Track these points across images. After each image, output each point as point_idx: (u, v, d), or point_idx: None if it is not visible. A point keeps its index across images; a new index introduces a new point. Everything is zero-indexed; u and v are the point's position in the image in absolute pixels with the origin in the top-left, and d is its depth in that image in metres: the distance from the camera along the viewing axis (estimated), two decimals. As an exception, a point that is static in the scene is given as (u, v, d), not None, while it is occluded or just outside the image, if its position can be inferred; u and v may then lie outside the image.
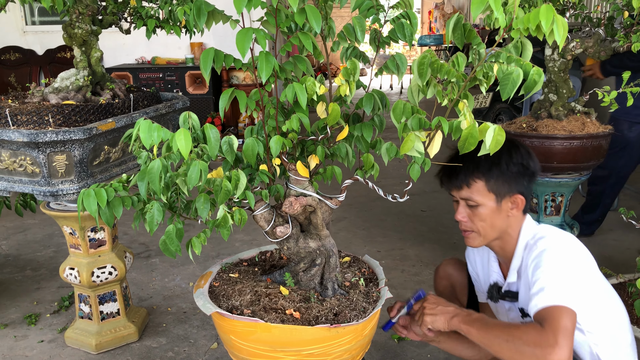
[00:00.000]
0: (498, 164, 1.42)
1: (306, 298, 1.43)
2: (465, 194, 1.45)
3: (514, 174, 1.43)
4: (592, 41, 2.41)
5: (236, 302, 1.41)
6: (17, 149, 1.80)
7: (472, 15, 0.97)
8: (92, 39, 2.07)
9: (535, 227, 1.49)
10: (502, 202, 1.44)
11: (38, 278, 2.96)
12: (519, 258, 1.47)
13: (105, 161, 1.97)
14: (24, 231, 3.65)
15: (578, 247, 1.40)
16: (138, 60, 6.11)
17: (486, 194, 1.43)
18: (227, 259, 1.68)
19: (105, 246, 2.18)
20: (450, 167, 1.45)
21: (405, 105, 1.22)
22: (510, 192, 1.44)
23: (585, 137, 2.40)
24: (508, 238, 1.49)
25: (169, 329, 2.42)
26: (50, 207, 2.10)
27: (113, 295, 2.27)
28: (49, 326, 2.47)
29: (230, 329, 1.36)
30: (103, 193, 1.15)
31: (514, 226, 1.48)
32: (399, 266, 2.98)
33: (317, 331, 1.30)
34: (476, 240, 1.49)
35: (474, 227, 1.46)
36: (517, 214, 1.47)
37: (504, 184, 1.43)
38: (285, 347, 1.32)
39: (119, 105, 2.02)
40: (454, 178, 1.46)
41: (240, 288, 1.46)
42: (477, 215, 1.45)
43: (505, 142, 1.37)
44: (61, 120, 1.83)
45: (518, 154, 1.45)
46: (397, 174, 4.64)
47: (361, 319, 1.36)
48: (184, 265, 3.05)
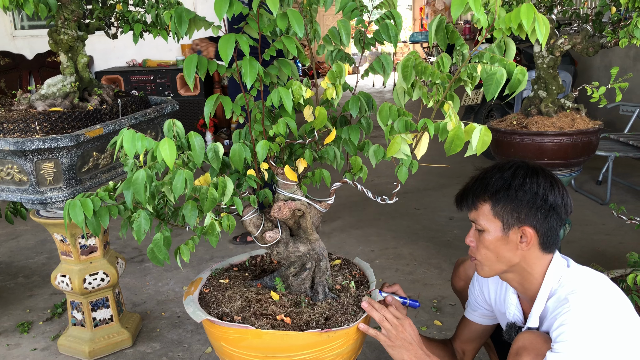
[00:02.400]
0: (507, 188, 1.31)
1: (297, 303, 1.42)
2: (473, 216, 1.37)
3: (523, 202, 1.29)
4: (580, 37, 2.41)
5: (226, 308, 1.40)
6: (3, 158, 1.79)
7: (452, 15, 0.97)
8: (79, 44, 2.05)
9: (563, 271, 1.33)
10: (509, 232, 1.31)
11: (30, 285, 2.94)
12: (541, 304, 1.33)
13: (94, 167, 1.96)
14: (15, 238, 3.63)
15: (613, 307, 1.22)
16: (129, 63, 6.09)
17: (492, 220, 1.32)
18: (217, 265, 1.67)
19: (97, 253, 2.17)
20: (465, 187, 1.40)
21: (392, 108, 1.22)
22: (519, 223, 1.30)
23: (575, 133, 2.40)
24: (527, 276, 1.35)
25: (163, 333, 2.41)
26: (40, 214, 2.08)
27: (106, 302, 2.26)
28: (41, 334, 2.46)
29: (221, 336, 1.35)
30: (89, 203, 1.13)
31: (532, 264, 1.33)
32: (392, 265, 2.98)
33: (308, 336, 1.29)
34: (482, 270, 1.39)
35: (477, 254, 1.37)
36: (530, 250, 1.32)
37: (511, 212, 1.30)
38: (276, 352, 1.32)
39: (106, 110, 2.01)
40: (464, 198, 1.38)
41: (230, 294, 1.45)
42: (482, 242, 1.35)
43: (523, 166, 1.33)
44: (48, 127, 1.82)
45: (533, 182, 1.31)
46: (390, 173, 4.64)
47: (352, 322, 1.35)
48: (178, 270, 3.04)
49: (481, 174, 1.38)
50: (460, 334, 1.70)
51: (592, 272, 1.33)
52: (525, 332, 1.33)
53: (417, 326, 2.36)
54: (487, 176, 1.35)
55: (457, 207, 1.43)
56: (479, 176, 1.39)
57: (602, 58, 5.84)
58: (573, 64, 4.89)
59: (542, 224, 1.30)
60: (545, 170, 1.35)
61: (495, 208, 1.32)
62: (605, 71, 5.88)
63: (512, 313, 1.46)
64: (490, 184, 1.33)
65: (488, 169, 1.38)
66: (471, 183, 1.39)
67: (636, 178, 4.30)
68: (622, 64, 5.46)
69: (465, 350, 1.69)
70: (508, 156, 2.55)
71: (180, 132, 1.12)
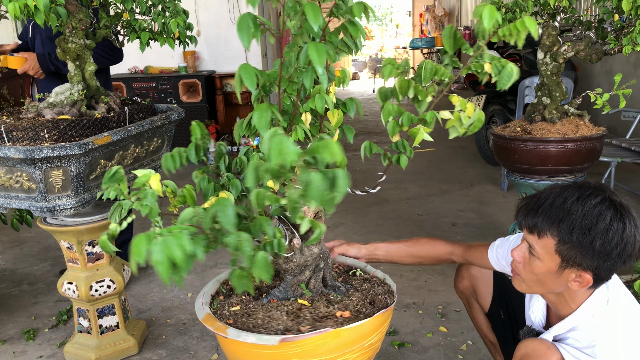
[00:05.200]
0: (585, 233, 1.15)
1: (330, 300, 1.46)
2: (531, 240, 1.23)
3: (595, 252, 1.15)
4: (584, 44, 2.43)
5: (281, 326, 1.37)
6: (13, 166, 1.80)
7: (484, 27, 1.01)
8: (86, 52, 2.07)
9: (599, 308, 1.24)
10: (565, 270, 1.20)
11: (35, 292, 2.95)
12: (563, 329, 1.28)
13: (102, 175, 1.97)
14: (20, 245, 3.63)
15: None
16: (131, 70, 6.11)
17: (552, 254, 1.20)
18: (207, 288, 1.58)
19: (103, 260, 2.17)
20: (537, 202, 1.23)
21: (393, 106, 1.26)
22: (581, 266, 1.17)
23: (579, 140, 2.42)
24: (564, 302, 1.28)
25: (169, 340, 2.42)
26: (47, 221, 2.09)
27: (112, 309, 2.26)
28: (47, 341, 2.46)
29: (298, 348, 1.31)
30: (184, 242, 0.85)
31: (574, 296, 1.26)
32: (396, 271, 2.98)
33: (377, 319, 1.37)
34: (520, 285, 1.31)
35: (523, 274, 1.28)
36: (579, 289, 1.23)
37: (577, 256, 1.17)
38: (352, 346, 1.36)
39: (114, 118, 2.02)
40: (530, 217, 1.22)
41: (265, 314, 1.41)
42: (532, 266, 1.24)
43: (612, 203, 1.17)
44: (57, 135, 1.83)
45: (618, 232, 1.14)
46: (393, 179, 4.65)
47: (390, 298, 1.46)
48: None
49: (558, 200, 1.20)
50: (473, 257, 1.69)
51: (628, 314, 1.24)
52: (527, 340, 1.33)
53: (423, 333, 2.37)
54: (565, 207, 1.18)
55: (516, 218, 1.28)
56: (554, 201, 1.20)
57: (603, 64, 5.87)
58: (574, 70, 4.91)
59: (604, 272, 1.19)
60: (632, 214, 1.19)
61: (561, 246, 1.18)
62: (605, 77, 5.90)
63: (535, 316, 1.45)
64: (566, 220, 1.17)
65: (567, 196, 1.20)
66: (544, 206, 1.21)
67: (638, 183, 4.31)
68: (623, 70, 5.48)
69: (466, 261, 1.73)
70: (512, 162, 2.56)
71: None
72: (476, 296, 1.77)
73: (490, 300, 1.74)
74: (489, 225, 3.66)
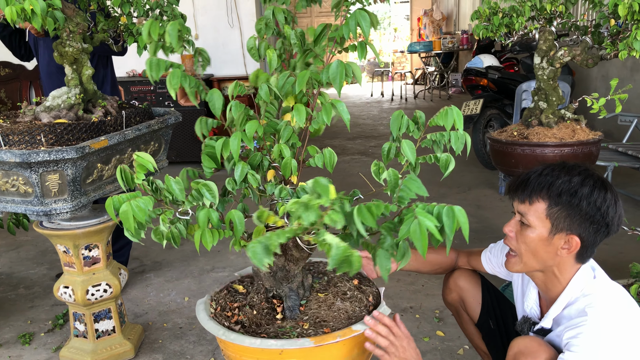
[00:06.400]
0: (572, 195, 1.28)
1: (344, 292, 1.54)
2: (523, 209, 1.34)
3: (582, 213, 1.28)
4: (580, 49, 2.44)
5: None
6: (9, 169, 1.80)
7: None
8: (83, 56, 2.07)
9: (588, 282, 1.33)
10: (555, 235, 1.30)
11: (32, 296, 2.94)
12: (559, 308, 1.36)
13: (99, 179, 1.97)
14: (16, 249, 3.62)
15: (629, 324, 1.23)
16: (129, 73, 6.11)
17: (542, 219, 1.31)
18: (200, 301, 1.57)
19: (100, 264, 2.17)
20: (527, 175, 1.36)
21: (403, 117, 1.35)
22: (570, 230, 1.29)
23: (576, 144, 2.43)
24: (554, 279, 1.37)
25: (165, 345, 2.41)
26: (43, 225, 2.09)
27: (108, 313, 2.25)
28: (43, 345, 2.45)
29: (335, 348, 1.36)
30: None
31: (562, 270, 1.35)
32: (394, 276, 2.98)
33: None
34: (516, 266, 1.39)
35: (516, 247, 1.37)
36: (567, 257, 1.32)
37: (566, 218, 1.29)
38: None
39: (111, 122, 2.02)
40: (521, 188, 1.35)
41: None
42: (524, 236, 1.34)
43: (592, 175, 1.32)
44: (53, 139, 1.82)
45: (600, 196, 1.28)
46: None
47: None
48: (179, 280, 3.04)
49: (545, 170, 1.34)
50: (475, 263, 1.79)
51: (615, 287, 1.32)
52: (519, 338, 1.37)
53: (419, 337, 2.36)
54: (553, 175, 1.31)
55: (507, 194, 1.40)
56: (542, 171, 1.34)
57: (600, 68, 5.88)
58: (571, 74, 4.93)
59: (590, 237, 1.30)
60: (613, 186, 1.33)
61: (551, 209, 1.30)
62: (602, 81, 5.92)
63: (529, 307, 1.50)
64: (555, 184, 1.30)
65: (554, 168, 1.34)
66: (534, 176, 1.34)
67: (635, 187, 4.32)
68: (620, 75, 5.50)
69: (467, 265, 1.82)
70: (509, 167, 2.57)
71: None
72: (465, 307, 1.77)
73: (480, 310, 1.74)
74: (486, 229, 3.66)
